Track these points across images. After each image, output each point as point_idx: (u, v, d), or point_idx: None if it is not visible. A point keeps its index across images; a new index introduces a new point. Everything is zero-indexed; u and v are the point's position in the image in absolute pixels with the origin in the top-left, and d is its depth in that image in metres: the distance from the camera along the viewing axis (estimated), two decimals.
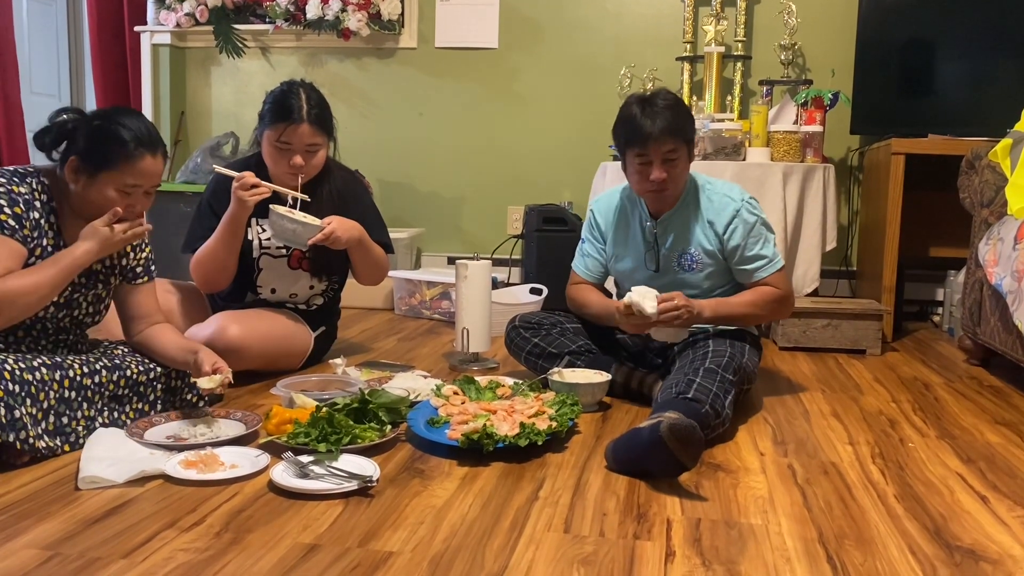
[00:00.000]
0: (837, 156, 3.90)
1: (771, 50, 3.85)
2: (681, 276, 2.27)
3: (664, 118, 2.11)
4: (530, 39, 4.18)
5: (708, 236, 2.23)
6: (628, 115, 2.17)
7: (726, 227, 2.21)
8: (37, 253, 1.77)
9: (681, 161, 2.17)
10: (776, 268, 2.22)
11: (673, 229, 2.26)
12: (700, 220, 2.24)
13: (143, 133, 1.78)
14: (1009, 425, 2.14)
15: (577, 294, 2.40)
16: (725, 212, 2.21)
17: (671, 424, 1.59)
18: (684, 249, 2.26)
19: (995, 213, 2.76)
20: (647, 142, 2.12)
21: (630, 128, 2.15)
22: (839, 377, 2.64)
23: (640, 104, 2.15)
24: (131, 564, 1.26)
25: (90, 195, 1.78)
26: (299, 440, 1.72)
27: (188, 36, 4.44)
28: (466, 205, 4.33)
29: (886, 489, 1.66)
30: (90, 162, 1.76)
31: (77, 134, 1.78)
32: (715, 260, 2.24)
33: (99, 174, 1.76)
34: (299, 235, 2.28)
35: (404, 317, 3.54)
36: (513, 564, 1.29)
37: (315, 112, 2.33)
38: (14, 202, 1.73)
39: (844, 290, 3.95)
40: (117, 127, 1.76)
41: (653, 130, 2.10)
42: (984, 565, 1.33)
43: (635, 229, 2.32)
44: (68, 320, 1.89)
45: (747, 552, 1.36)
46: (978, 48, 3.50)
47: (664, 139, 2.11)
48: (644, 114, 2.13)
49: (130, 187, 1.78)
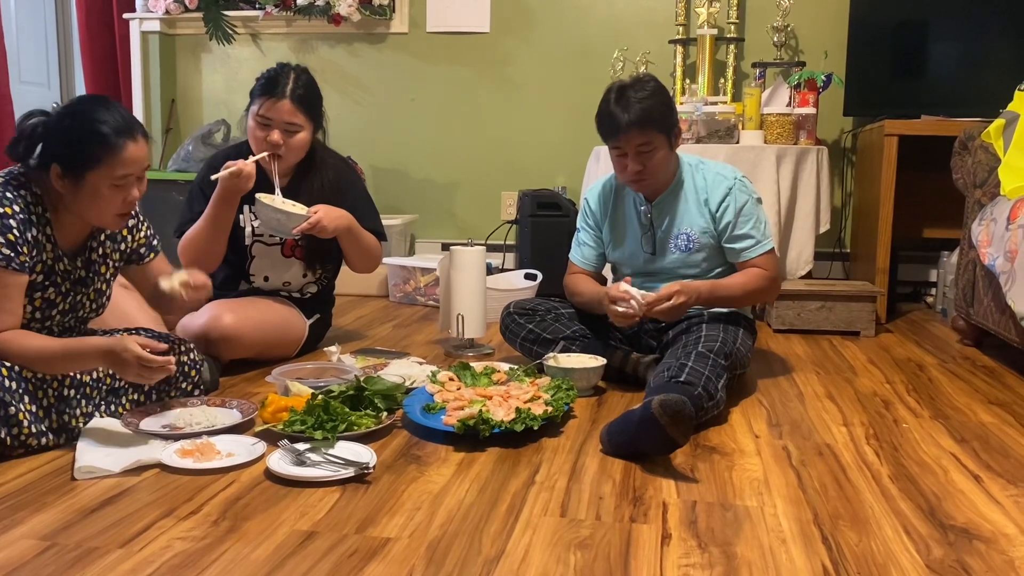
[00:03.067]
0: (830, 138, 3.90)
1: (764, 32, 3.83)
2: (678, 257, 2.27)
3: (635, 111, 2.10)
4: (522, 23, 4.15)
5: (704, 215, 2.24)
6: (603, 107, 2.17)
7: (719, 204, 2.22)
8: (38, 269, 1.74)
9: (657, 152, 2.15)
10: (765, 249, 2.22)
11: (668, 211, 2.26)
12: (695, 200, 2.25)
13: (119, 122, 1.69)
14: (1002, 405, 2.15)
15: (572, 283, 2.40)
16: (719, 189, 2.22)
17: (662, 401, 1.60)
18: (680, 230, 2.26)
19: (988, 194, 2.76)
20: (618, 135, 2.13)
21: (603, 121, 2.17)
22: (833, 359, 2.65)
23: (616, 95, 2.14)
24: (128, 553, 1.26)
25: (83, 198, 1.71)
26: (295, 428, 1.72)
27: (177, 23, 4.40)
28: (459, 191, 4.32)
29: (880, 470, 1.67)
30: (73, 166, 1.68)
31: (50, 138, 1.70)
32: (711, 239, 2.25)
33: (86, 175, 1.68)
34: (284, 224, 2.26)
35: (399, 304, 3.54)
36: (510, 548, 1.30)
37: (299, 92, 2.32)
38: (6, 228, 1.65)
39: (838, 272, 3.96)
40: (92, 123, 1.67)
41: (623, 123, 2.10)
42: (978, 544, 1.34)
43: (630, 214, 2.32)
44: (73, 319, 1.89)
45: (743, 534, 1.37)
46: (971, 29, 3.49)
47: (633, 132, 2.11)
48: (617, 106, 2.12)
49: (121, 179, 1.71)
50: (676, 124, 2.21)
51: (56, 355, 1.68)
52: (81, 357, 1.71)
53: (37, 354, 1.67)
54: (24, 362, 1.66)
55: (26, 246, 1.68)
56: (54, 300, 1.80)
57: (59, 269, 1.78)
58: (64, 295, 1.81)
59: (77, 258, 1.83)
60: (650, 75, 2.24)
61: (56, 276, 1.78)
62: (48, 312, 1.80)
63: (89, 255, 1.86)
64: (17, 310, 1.70)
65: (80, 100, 1.77)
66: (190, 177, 3.63)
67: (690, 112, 3.40)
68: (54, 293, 1.79)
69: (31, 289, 1.74)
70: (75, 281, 1.83)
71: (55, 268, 1.77)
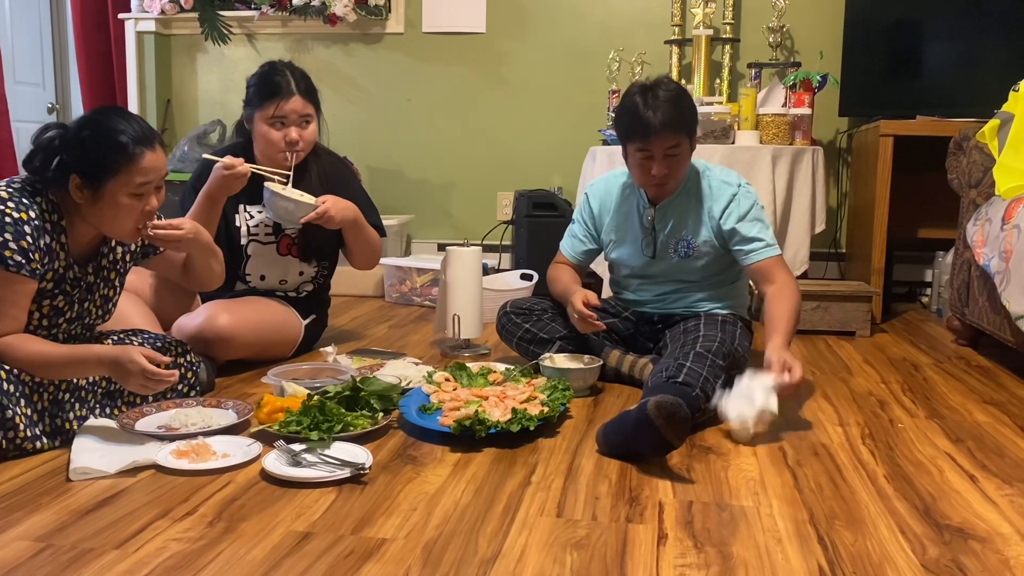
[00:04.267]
0: (826, 138, 3.90)
1: (759, 33, 3.84)
2: (677, 263, 2.27)
3: (666, 111, 2.04)
4: (518, 23, 4.16)
5: (706, 223, 2.22)
6: (631, 106, 2.08)
7: (723, 211, 2.19)
8: (48, 277, 1.73)
9: (683, 155, 2.13)
10: (775, 253, 2.17)
11: (672, 216, 2.25)
12: (699, 208, 2.23)
13: (137, 131, 1.71)
14: (997, 404, 2.15)
15: (552, 271, 2.41)
16: (723, 197, 2.20)
17: (657, 402, 1.60)
18: (682, 236, 2.25)
19: (983, 194, 2.77)
20: (649, 137, 2.06)
21: (631, 120, 2.08)
22: (829, 359, 2.65)
23: (643, 94, 2.07)
24: (124, 554, 1.26)
25: (102, 207, 1.72)
26: (291, 428, 1.71)
27: (173, 23, 4.40)
28: (456, 191, 4.32)
29: (876, 469, 1.67)
30: (93, 176, 1.69)
31: (68, 150, 1.70)
32: (713, 248, 2.23)
33: (105, 185, 1.69)
34: (292, 213, 2.28)
35: (395, 304, 3.54)
36: (506, 549, 1.30)
37: (303, 84, 2.36)
38: (20, 234, 1.64)
39: (833, 272, 3.97)
40: (110, 133, 1.69)
41: (655, 124, 2.03)
42: (973, 543, 1.35)
43: (633, 215, 2.31)
44: (79, 327, 1.89)
45: (739, 534, 1.37)
46: (965, 29, 3.50)
47: (667, 134, 2.05)
48: (646, 106, 2.05)
49: (139, 187, 1.72)
50: (697, 126, 2.18)
51: (58, 361, 1.68)
52: (84, 364, 1.70)
53: (39, 359, 1.67)
54: (25, 367, 1.66)
55: (38, 253, 1.67)
56: (61, 308, 1.79)
57: (69, 277, 1.78)
58: (72, 303, 1.81)
59: (88, 264, 1.83)
60: (665, 76, 2.17)
61: (66, 284, 1.78)
62: (55, 320, 1.80)
63: (100, 261, 1.86)
64: (21, 316, 1.69)
65: (97, 111, 1.78)
66: (185, 177, 3.62)
67: None
68: (63, 301, 1.79)
69: (40, 296, 1.73)
70: (84, 288, 1.83)
71: (66, 276, 1.77)
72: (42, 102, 4.74)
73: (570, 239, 2.43)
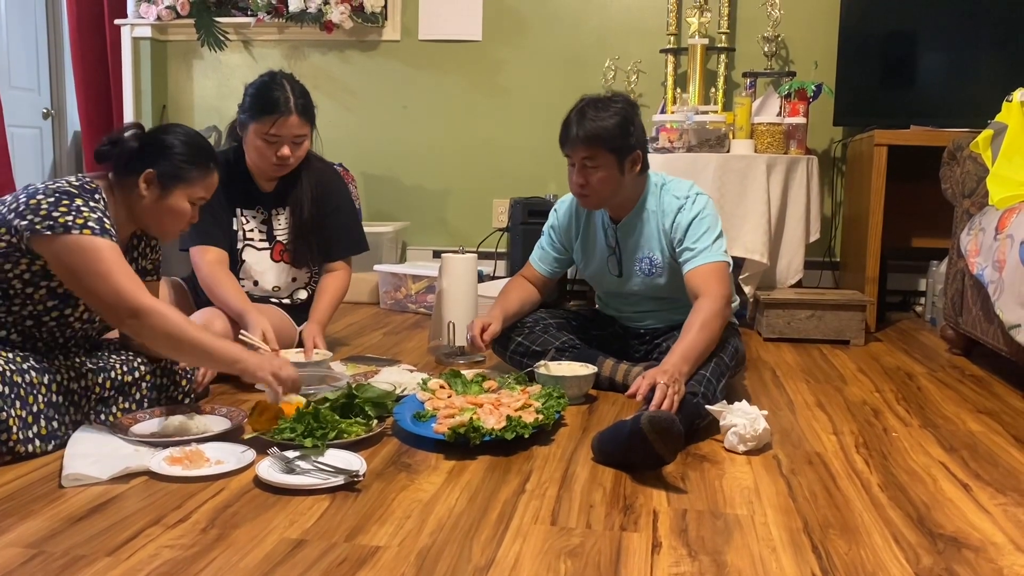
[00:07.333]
0: (820, 148, 3.92)
1: (755, 42, 3.85)
2: (642, 281, 2.27)
3: (587, 127, 2.10)
4: (514, 31, 4.17)
5: (662, 239, 2.23)
6: (568, 116, 2.18)
7: (672, 225, 2.20)
8: None
9: (602, 170, 2.13)
10: (706, 260, 2.10)
11: (631, 233, 2.26)
12: (656, 223, 2.24)
13: (212, 151, 1.89)
14: (991, 414, 2.16)
15: (508, 283, 2.44)
16: (672, 211, 2.21)
17: (651, 416, 1.60)
18: (643, 254, 2.26)
19: (977, 204, 2.78)
20: (565, 145, 2.16)
21: (562, 128, 2.18)
22: (823, 367, 2.66)
23: (581, 107, 2.15)
24: (116, 562, 1.25)
25: (161, 208, 1.83)
26: (285, 435, 1.71)
27: (169, 29, 4.40)
28: (451, 198, 4.32)
29: (870, 478, 1.67)
30: (169, 178, 1.82)
31: (153, 148, 1.82)
32: (672, 263, 2.23)
33: (175, 189, 1.83)
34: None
35: (390, 311, 3.53)
36: (500, 557, 1.30)
37: (301, 103, 2.35)
38: (105, 216, 1.74)
39: (828, 281, 3.97)
40: (198, 149, 1.85)
41: (571, 135, 2.12)
42: (967, 552, 1.35)
43: (599, 234, 2.32)
44: (93, 331, 1.91)
45: (733, 542, 1.37)
46: (960, 39, 3.52)
47: (578, 146, 2.12)
48: (575, 117, 2.14)
49: (198, 200, 1.88)
50: (634, 149, 2.14)
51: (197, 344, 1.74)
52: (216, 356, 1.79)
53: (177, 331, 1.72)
54: (168, 332, 1.70)
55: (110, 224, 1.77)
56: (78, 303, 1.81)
57: None
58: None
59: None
60: (623, 96, 2.20)
61: None
62: (66, 319, 1.81)
63: (127, 256, 1.88)
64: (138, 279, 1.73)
65: (179, 125, 1.92)
66: None
67: (681, 121, 3.42)
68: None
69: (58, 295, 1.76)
70: None
71: None
72: (37, 107, 4.74)
73: (539, 250, 2.45)
